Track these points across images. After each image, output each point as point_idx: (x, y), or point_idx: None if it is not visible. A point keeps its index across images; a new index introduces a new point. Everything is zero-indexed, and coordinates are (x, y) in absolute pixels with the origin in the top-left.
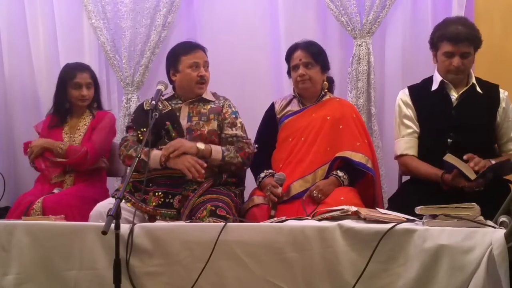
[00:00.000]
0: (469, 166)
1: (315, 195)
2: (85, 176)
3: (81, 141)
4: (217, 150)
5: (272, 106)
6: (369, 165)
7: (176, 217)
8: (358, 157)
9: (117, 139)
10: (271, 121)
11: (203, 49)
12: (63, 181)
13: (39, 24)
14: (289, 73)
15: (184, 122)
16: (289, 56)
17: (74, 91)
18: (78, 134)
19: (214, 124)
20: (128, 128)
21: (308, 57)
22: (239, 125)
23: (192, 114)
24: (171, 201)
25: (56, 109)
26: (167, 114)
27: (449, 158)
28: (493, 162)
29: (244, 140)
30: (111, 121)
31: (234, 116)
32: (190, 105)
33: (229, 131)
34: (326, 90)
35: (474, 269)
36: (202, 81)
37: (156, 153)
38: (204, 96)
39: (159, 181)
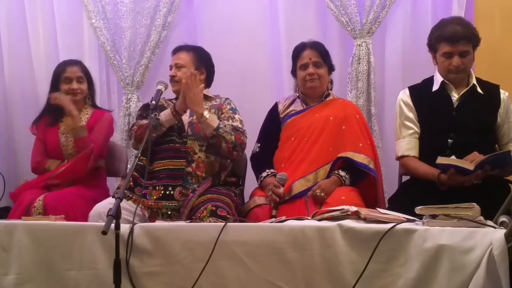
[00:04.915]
0: (464, 160)
1: (318, 194)
2: (83, 177)
3: None
4: (213, 119)
5: (275, 106)
6: (371, 166)
7: (178, 209)
8: (360, 158)
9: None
10: (274, 121)
11: (185, 49)
12: (62, 183)
13: (39, 24)
14: (293, 72)
15: (186, 117)
16: (297, 55)
17: (64, 85)
18: None
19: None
20: (136, 120)
21: (318, 57)
22: (237, 119)
23: None
24: (172, 193)
25: (48, 107)
26: None
27: (440, 160)
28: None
29: (241, 130)
30: (110, 121)
31: (232, 111)
32: None
33: (225, 122)
34: (330, 91)
35: (474, 269)
36: (173, 81)
37: (165, 111)
38: (205, 93)
39: (159, 175)
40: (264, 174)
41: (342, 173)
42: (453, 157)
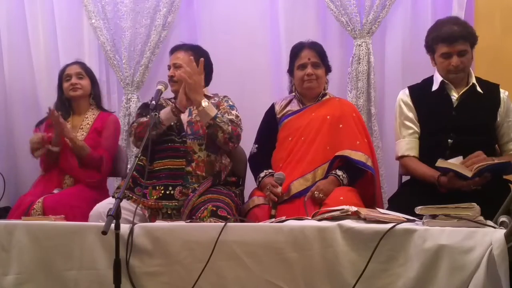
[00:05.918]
0: (463, 166)
1: (316, 195)
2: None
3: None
4: (211, 108)
5: (272, 106)
6: (369, 163)
7: (179, 209)
8: (357, 155)
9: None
10: (271, 122)
11: (183, 49)
12: (63, 181)
13: (39, 24)
14: (290, 71)
15: (185, 116)
16: (295, 55)
17: (65, 83)
18: (80, 133)
19: None
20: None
21: (317, 57)
22: (233, 114)
23: (193, 108)
24: (172, 192)
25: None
26: None
27: (441, 163)
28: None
29: (237, 122)
30: (116, 124)
31: (229, 107)
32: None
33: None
34: (327, 91)
35: (474, 269)
36: (172, 81)
37: (165, 109)
38: (204, 91)
39: (159, 175)
40: (262, 174)
41: (339, 172)
42: (456, 158)
